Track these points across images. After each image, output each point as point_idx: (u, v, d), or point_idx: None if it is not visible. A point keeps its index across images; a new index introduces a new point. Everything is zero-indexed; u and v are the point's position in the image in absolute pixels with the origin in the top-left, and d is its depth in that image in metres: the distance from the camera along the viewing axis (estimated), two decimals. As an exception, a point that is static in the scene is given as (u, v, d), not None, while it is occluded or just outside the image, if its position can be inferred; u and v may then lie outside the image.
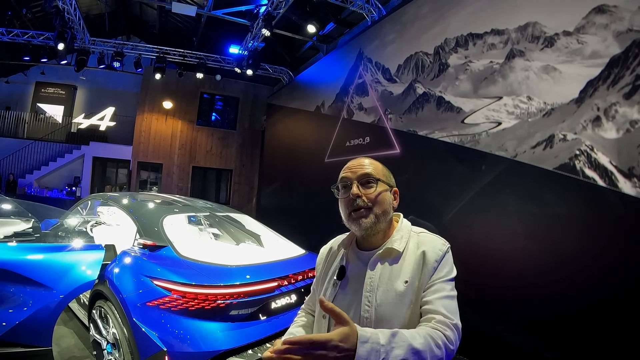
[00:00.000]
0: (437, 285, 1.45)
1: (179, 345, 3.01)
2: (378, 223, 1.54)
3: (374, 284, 1.50)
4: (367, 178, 1.57)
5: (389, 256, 1.54)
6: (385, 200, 1.56)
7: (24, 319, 3.26)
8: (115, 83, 18.40)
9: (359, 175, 1.58)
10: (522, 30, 4.73)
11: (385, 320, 1.43)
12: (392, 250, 1.54)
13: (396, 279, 1.48)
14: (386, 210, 1.56)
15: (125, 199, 4.88)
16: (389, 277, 1.50)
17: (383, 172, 1.62)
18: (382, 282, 1.49)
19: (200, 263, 3.49)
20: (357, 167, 1.61)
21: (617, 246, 3.63)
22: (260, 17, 10.56)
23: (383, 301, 1.46)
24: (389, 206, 1.59)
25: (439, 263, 1.49)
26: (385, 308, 1.45)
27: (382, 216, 1.55)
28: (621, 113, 3.64)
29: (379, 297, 1.47)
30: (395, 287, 1.47)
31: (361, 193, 1.54)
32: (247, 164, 17.79)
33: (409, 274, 1.48)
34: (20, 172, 16.19)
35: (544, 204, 4.30)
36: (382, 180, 1.58)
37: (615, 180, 3.62)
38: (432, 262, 1.48)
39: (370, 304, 1.47)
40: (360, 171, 1.59)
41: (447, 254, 1.53)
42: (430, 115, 6.06)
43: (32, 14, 13.84)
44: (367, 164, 1.62)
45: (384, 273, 1.51)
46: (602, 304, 3.67)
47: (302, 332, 1.73)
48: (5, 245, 3.48)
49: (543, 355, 4.09)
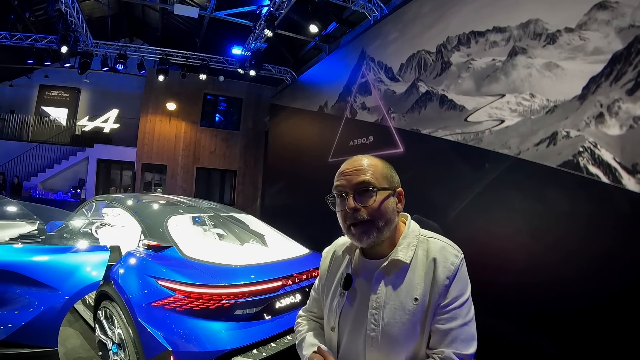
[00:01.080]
0: (453, 311, 1.32)
1: (184, 345, 3.02)
2: (382, 235, 1.38)
3: (380, 301, 1.37)
4: (364, 187, 1.37)
5: (396, 268, 1.39)
6: (388, 209, 1.38)
7: (30, 320, 3.28)
8: (119, 85, 18.42)
9: (355, 184, 1.38)
10: (524, 27, 4.72)
11: (394, 340, 1.33)
12: (398, 262, 1.39)
13: (405, 296, 1.35)
14: (390, 219, 1.39)
15: (130, 200, 4.89)
16: (397, 294, 1.36)
17: (384, 173, 1.42)
18: (389, 299, 1.36)
19: (204, 263, 3.50)
20: (353, 172, 1.40)
21: (622, 243, 3.61)
22: (263, 18, 10.56)
23: (391, 320, 1.34)
24: (393, 213, 1.40)
25: (451, 280, 1.34)
26: (393, 328, 1.33)
27: (386, 227, 1.37)
28: (624, 109, 3.63)
29: (386, 315, 1.35)
30: (403, 305, 1.34)
31: (359, 206, 1.36)
32: (250, 164, 17.80)
33: (419, 291, 1.34)
34: (25, 175, 16.23)
35: (547, 201, 4.29)
36: (383, 188, 1.38)
37: (619, 177, 3.61)
38: (442, 279, 1.34)
39: (377, 323, 1.35)
40: (356, 179, 1.38)
41: (461, 268, 1.37)
42: (433, 114, 6.06)
43: (35, 17, 13.88)
44: (364, 167, 1.41)
45: (391, 289, 1.38)
46: (608, 301, 3.65)
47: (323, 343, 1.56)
48: (11, 247, 3.50)
49: (549, 354, 4.07)
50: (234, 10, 11.31)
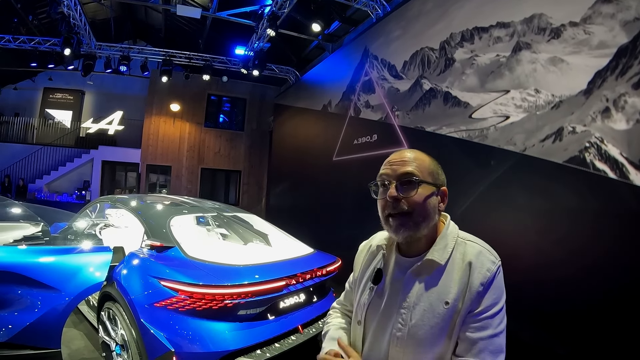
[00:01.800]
0: (485, 320, 1.28)
1: (187, 345, 3.00)
2: (418, 231, 1.35)
3: (410, 301, 1.35)
4: (408, 178, 1.35)
5: (430, 269, 1.36)
6: (429, 205, 1.35)
7: (33, 321, 3.27)
8: (123, 87, 18.49)
9: (400, 174, 1.36)
10: (527, 22, 4.68)
11: (418, 342, 1.31)
12: (433, 262, 1.36)
13: (436, 299, 1.32)
14: (429, 215, 1.36)
15: (133, 201, 4.89)
16: (428, 296, 1.33)
17: (429, 169, 1.40)
18: (420, 300, 1.34)
19: (207, 263, 3.48)
20: (399, 162, 1.39)
21: (630, 239, 3.57)
22: (265, 18, 10.55)
23: (419, 322, 1.32)
24: (433, 210, 1.37)
25: (485, 287, 1.30)
26: (420, 330, 1.31)
27: (424, 223, 1.35)
28: (630, 103, 3.58)
29: (414, 316, 1.33)
30: (434, 307, 1.31)
31: (400, 196, 1.34)
32: (255, 164, 17.80)
33: (452, 295, 1.31)
34: (30, 177, 16.32)
35: (554, 198, 4.25)
36: (427, 182, 1.36)
37: (627, 172, 3.56)
38: (476, 285, 1.30)
39: (404, 323, 1.34)
40: (401, 169, 1.37)
41: (497, 276, 1.34)
42: (437, 111, 6.02)
43: (38, 20, 13.92)
44: (410, 159, 1.40)
45: (423, 289, 1.35)
46: (615, 298, 3.61)
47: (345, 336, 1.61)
48: (15, 249, 3.50)
49: (556, 352, 4.04)
50: (236, 11, 11.30)
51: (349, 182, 8.38)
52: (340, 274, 4.26)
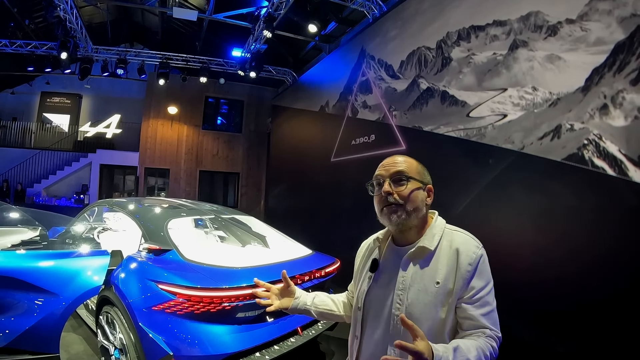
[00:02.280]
0: (483, 299, 1.49)
1: (186, 349, 2.99)
2: (409, 219, 1.58)
3: (406, 283, 1.55)
4: (399, 176, 1.61)
5: (422, 254, 1.58)
6: (417, 197, 1.59)
7: (31, 326, 3.27)
8: (120, 90, 18.46)
9: (392, 173, 1.62)
10: (524, 20, 4.67)
11: (414, 319, 1.44)
12: (424, 249, 1.57)
13: (428, 280, 1.52)
14: (418, 207, 1.59)
15: (131, 205, 4.88)
16: (421, 277, 1.54)
17: (417, 169, 1.65)
18: (414, 282, 1.54)
19: (205, 266, 3.47)
20: (391, 165, 1.65)
21: (629, 236, 3.56)
22: (261, 19, 10.54)
23: (414, 301, 1.51)
24: (421, 203, 1.60)
25: (473, 267, 1.51)
26: (415, 308, 1.51)
27: (414, 213, 1.58)
28: (628, 100, 3.58)
29: (410, 296, 1.52)
30: (426, 287, 1.51)
31: (393, 190, 1.59)
32: (254, 166, 17.78)
33: (442, 276, 1.51)
34: (28, 182, 16.28)
35: (553, 196, 4.24)
36: (415, 178, 1.61)
37: (625, 169, 3.56)
38: (465, 266, 1.51)
39: (402, 303, 1.53)
40: (393, 169, 1.63)
41: (482, 259, 1.55)
42: (435, 111, 6.01)
43: (35, 24, 13.90)
44: (400, 161, 1.65)
45: (417, 272, 1.56)
46: (614, 295, 3.61)
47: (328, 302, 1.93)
48: (12, 254, 3.50)
49: (556, 350, 4.03)
50: (232, 12, 11.29)
51: (347, 183, 8.37)
52: (339, 274, 4.26)
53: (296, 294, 1.85)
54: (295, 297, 1.84)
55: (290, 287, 1.85)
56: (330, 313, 1.92)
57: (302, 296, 1.86)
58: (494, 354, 1.45)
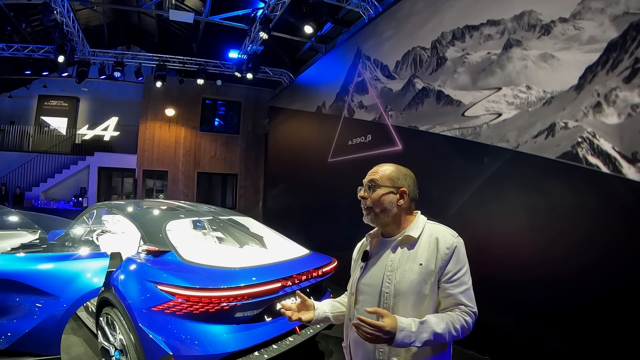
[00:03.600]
0: (460, 279, 1.75)
1: (185, 349, 3.01)
2: (378, 218, 1.90)
3: (394, 265, 1.81)
4: (370, 183, 1.91)
5: (407, 242, 1.85)
6: (385, 201, 1.87)
7: (32, 328, 3.29)
8: (117, 93, 18.44)
9: (368, 181, 1.93)
10: (518, 19, 4.71)
11: (401, 294, 1.76)
12: (409, 237, 1.84)
13: (413, 262, 1.78)
14: (386, 208, 1.87)
15: (130, 207, 4.89)
16: (406, 260, 1.80)
17: (389, 176, 1.90)
18: (401, 264, 1.80)
19: (203, 267, 3.49)
20: (369, 173, 1.95)
21: (624, 233, 3.59)
22: (258, 21, 10.56)
23: (401, 279, 1.77)
24: (390, 205, 1.87)
25: (451, 251, 1.77)
26: (402, 285, 1.76)
27: (382, 213, 1.88)
28: (622, 98, 3.61)
29: (397, 276, 1.78)
30: (412, 268, 1.77)
31: (365, 195, 1.92)
32: (251, 167, 17.79)
33: (424, 258, 1.77)
34: (26, 185, 16.25)
35: (548, 193, 4.27)
36: (384, 185, 1.88)
37: (619, 166, 3.59)
38: (443, 250, 1.76)
39: (390, 282, 1.79)
40: (368, 177, 1.94)
41: (459, 245, 1.80)
42: (430, 110, 6.04)
43: (32, 28, 13.89)
44: (378, 170, 1.94)
45: (403, 256, 1.82)
46: (610, 292, 3.63)
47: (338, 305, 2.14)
48: (12, 257, 3.51)
49: (553, 347, 4.05)
50: (229, 14, 11.30)
51: (345, 183, 8.37)
52: (336, 274, 4.28)
53: (315, 306, 2.04)
54: (315, 309, 2.04)
55: (307, 302, 2.04)
56: (343, 314, 2.09)
57: (319, 307, 2.06)
58: (466, 326, 1.71)
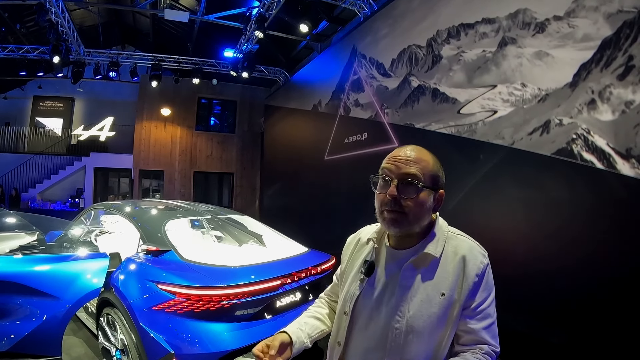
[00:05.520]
0: (485, 312, 1.37)
1: (186, 347, 3.03)
2: (410, 229, 1.39)
3: (408, 293, 1.38)
4: (410, 180, 1.35)
5: (425, 262, 1.40)
6: (425, 208, 1.37)
7: (33, 330, 3.29)
8: (113, 93, 18.38)
9: (403, 174, 1.36)
10: (512, 17, 4.74)
11: (416, 332, 1.34)
12: (428, 255, 1.40)
13: (432, 290, 1.37)
14: (423, 217, 1.39)
15: (128, 207, 4.90)
16: (424, 287, 1.37)
17: (432, 172, 1.39)
18: (416, 292, 1.37)
19: (203, 265, 3.51)
20: (404, 161, 1.38)
21: (618, 227, 3.63)
22: (253, 20, 10.54)
23: (417, 313, 1.35)
24: (428, 212, 1.40)
25: (480, 279, 1.37)
26: (418, 321, 1.34)
27: (417, 224, 1.38)
28: (616, 94, 3.65)
29: (412, 307, 1.36)
30: (431, 298, 1.36)
31: (400, 197, 1.34)
32: (248, 166, 17.80)
33: (448, 286, 1.36)
34: (22, 187, 16.23)
35: (543, 190, 4.30)
36: (428, 187, 1.36)
37: (614, 162, 3.62)
38: (472, 277, 1.37)
39: (402, 315, 1.36)
40: (405, 169, 1.36)
41: (488, 269, 1.42)
42: (426, 108, 6.07)
43: (26, 28, 13.84)
44: (415, 159, 1.38)
45: (420, 281, 1.38)
46: (606, 287, 3.67)
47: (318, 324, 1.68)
48: (11, 258, 3.51)
49: (549, 341, 4.09)
50: (224, 13, 11.29)
51: (341, 181, 8.42)
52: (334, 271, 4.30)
53: (293, 340, 1.54)
54: (293, 343, 1.53)
55: (279, 342, 1.50)
56: (323, 332, 1.69)
57: (296, 339, 1.55)
58: None
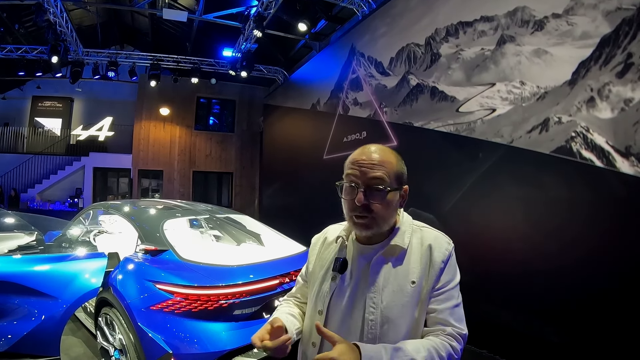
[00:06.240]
0: (447, 293, 1.40)
1: (185, 347, 3.03)
2: (380, 230, 1.43)
3: (380, 285, 1.41)
4: (377, 184, 1.37)
5: (394, 253, 1.44)
6: (392, 207, 1.42)
7: (31, 330, 3.29)
8: (112, 93, 18.37)
9: (368, 179, 1.38)
10: (511, 15, 4.73)
11: (391, 322, 1.37)
12: (396, 247, 1.44)
13: (403, 279, 1.40)
14: (392, 216, 1.45)
15: (126, 207, 4.89)
16: (394, 277, 1.41)
17: (397, 171, 1.42)
18: (387, 282, 1.41)
19: (201, 265, 3.50)
20: (368, 165, 1.39)
21: (618, 226, 3.62)
22: (251, 19, 10.54)
23: (389, 303, 1.38)
24: (395, 210, 1.45)
25: (445, 264, 1.41)
26: (391, 310, 1.37)
27: (386, 224, 1.43)
28: (615, 92, 3.64)
29: (384, 298, 1.39)
30: (402, 287, 1.39)
31: (369, 202, 1.37)
32: (247, 166, 17.78)
33: (417, 274, 1.40)
34: (21, 187, 16.22)
35: (542, 188, 4.29)
36: (394, 188, 1.40)
37: (613, 160, 3.61)
38: (438, 263, 1.41)
39: (376, 306, 1.39)
40: (370, 173, 1.38)
41: (453, 255, 1.45)
42: (425, 106, 6.06)
43: (25, 28, 13.81)
44: (380, 162, 1.40)
45: (390, 272, 1.42)
46: (606, 285, 3.66)
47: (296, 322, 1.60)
48: (9, 259, 3.50)
49: (550, 340, 4.09)
50: (222, 13, 11.28)
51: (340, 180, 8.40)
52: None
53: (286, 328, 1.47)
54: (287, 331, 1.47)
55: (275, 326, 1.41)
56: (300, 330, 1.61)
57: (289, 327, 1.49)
58: (454, 354, 1.33)
